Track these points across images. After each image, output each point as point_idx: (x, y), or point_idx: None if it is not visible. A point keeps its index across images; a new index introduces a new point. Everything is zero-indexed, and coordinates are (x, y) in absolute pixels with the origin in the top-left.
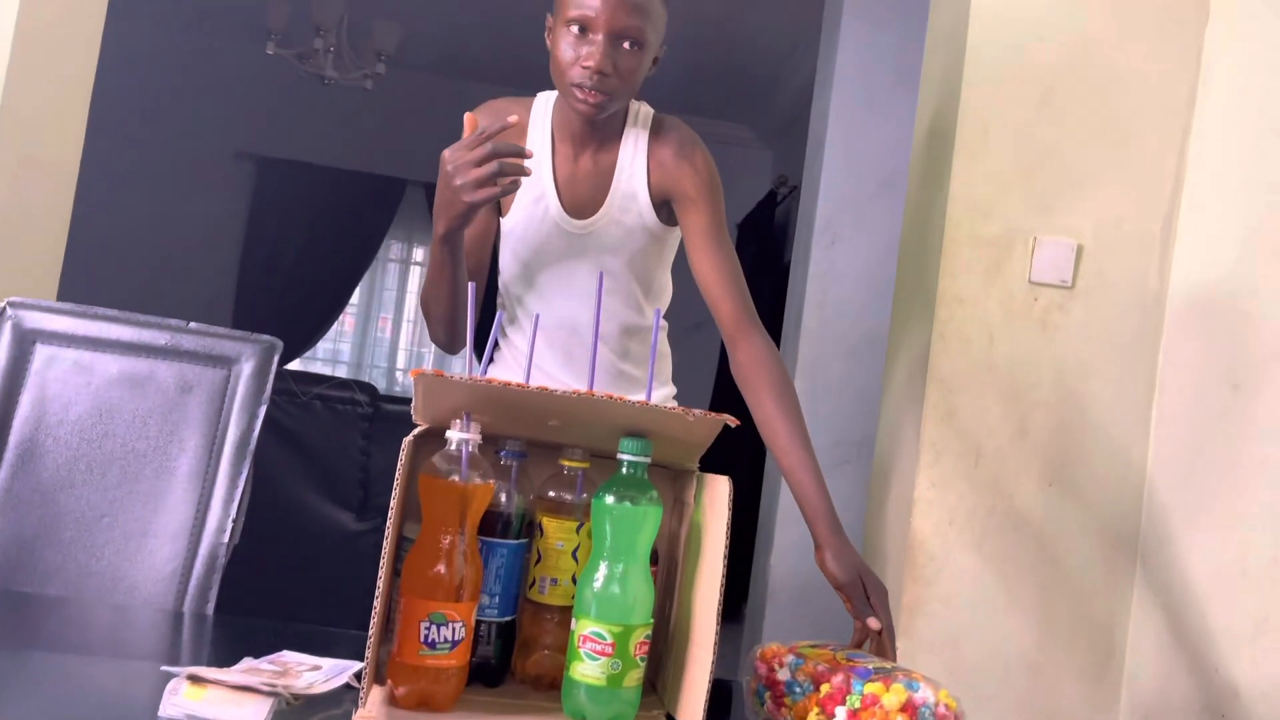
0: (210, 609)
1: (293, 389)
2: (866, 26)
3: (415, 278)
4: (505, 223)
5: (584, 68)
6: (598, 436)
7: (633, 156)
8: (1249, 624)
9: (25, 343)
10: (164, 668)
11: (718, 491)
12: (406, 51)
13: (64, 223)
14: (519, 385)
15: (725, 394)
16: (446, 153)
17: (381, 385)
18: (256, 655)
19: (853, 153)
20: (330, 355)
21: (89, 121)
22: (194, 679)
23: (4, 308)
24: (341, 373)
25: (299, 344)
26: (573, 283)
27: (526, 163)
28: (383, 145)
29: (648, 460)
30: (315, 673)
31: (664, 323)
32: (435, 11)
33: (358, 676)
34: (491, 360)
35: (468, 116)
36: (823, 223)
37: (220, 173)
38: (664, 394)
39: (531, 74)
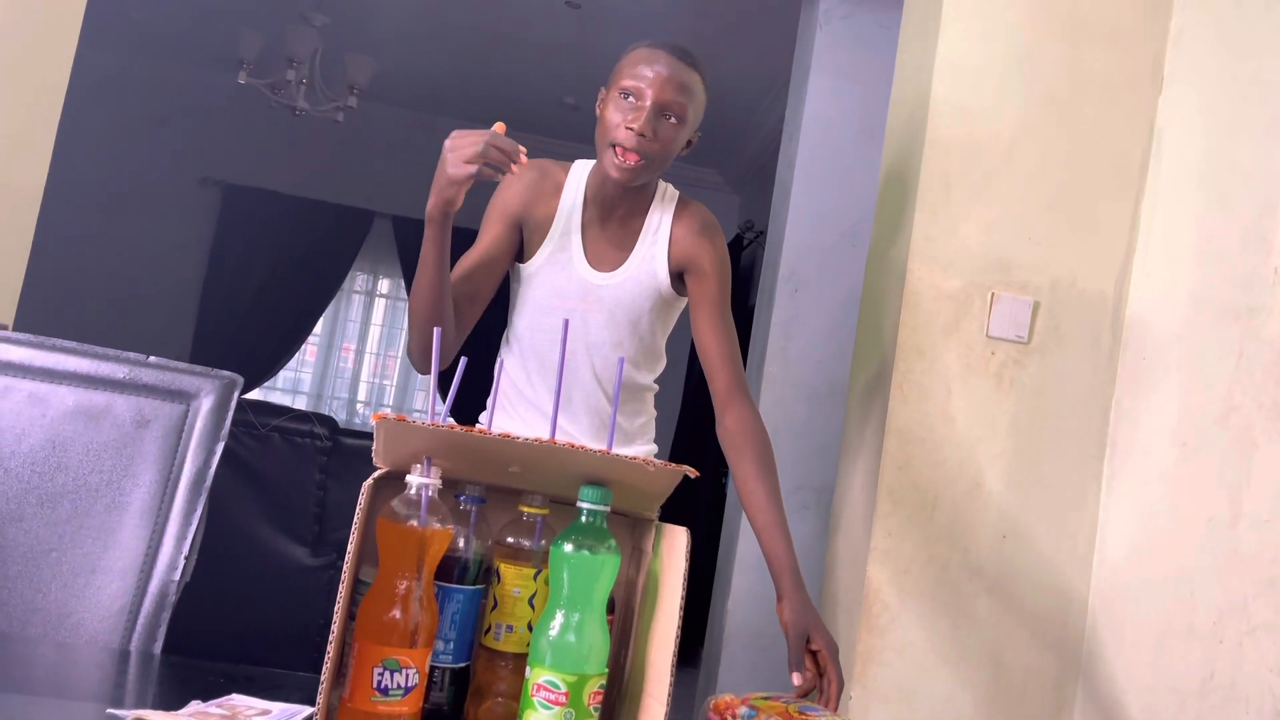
0: (158, 648)
1: (251, 420)
2: (833, 81)
3: (380, 309)
4: (526, 267)
5: (628, 128)
6: (558, 483)
7: (658, 226)
8: (1195, 681)
9: None
10: (109, 710)
11: (676, 542)
12: (379, 85)
13: (25, 246)
14: (480, 431)
15: (687, 445)
16: (451, 136)
17: (342, 416)
18: (205, 698)
19: (817, 202)
20: (291, 385)
21: (55, 143)
22: None
23: None
24: (302, 402)
25: (260, 372)
26: (586, 335)
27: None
28: (351, 177)
29: (607, 509)
30: (264, 717)
31: (655, 385)
32: (409, 47)
33: None
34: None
35: (499, 125)
36: (787, 270)
37: (186, 198)
38: (646, 451)
39: (500, 112)
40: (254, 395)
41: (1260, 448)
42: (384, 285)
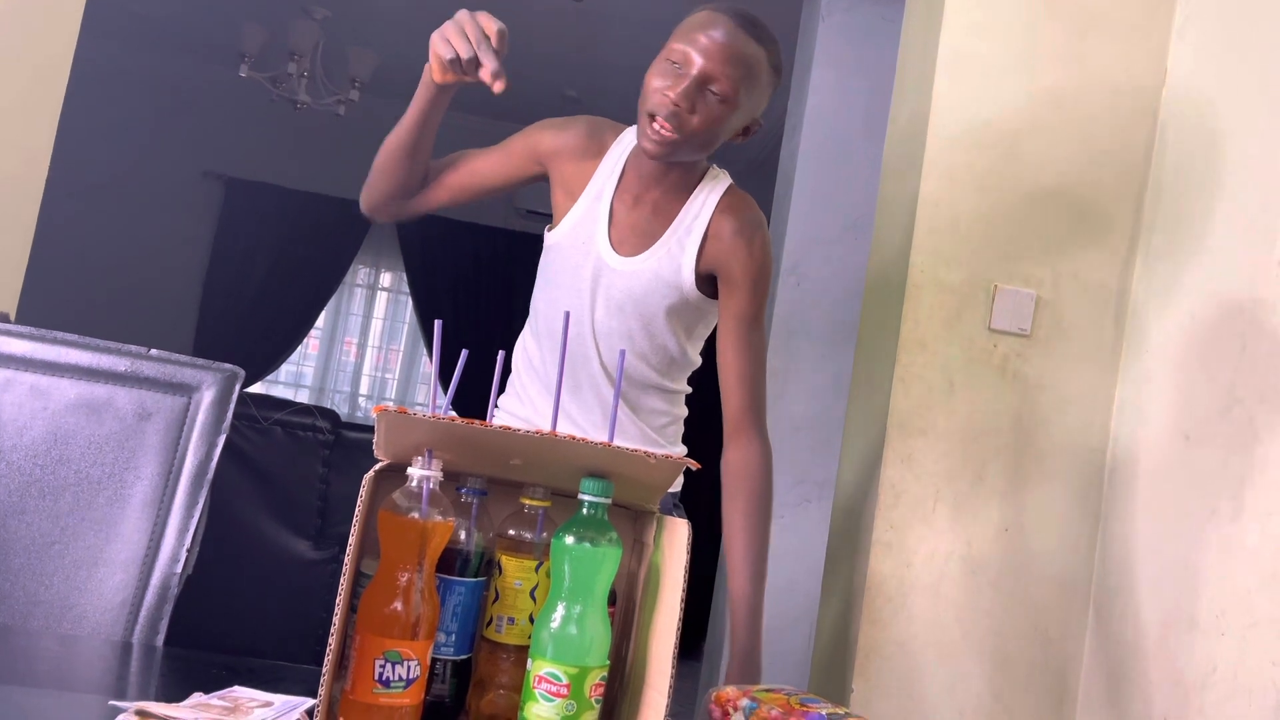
0: (160, 640)
1: (253, 414)
2: (836, 73)
3: (382, 303)
4: (550, 236)
5: (664, 96)
6: (559, 476)
7: (695, 216)
8: (1198, 674)
9: None
10: (111, 702)
11: (677, 535)
12: (381, 79)
13: (27, 239)
14: (482, 424)
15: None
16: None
17: (344, 410)
18: (207, 690)
19: (820, 195)
20: (293, 378)
21: (56, 136)
22: (142, 714)
23: None
24: (304, 396)
25: (262, 366)
26: (586, 318)
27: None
28: (353, 170)
29: (608, 501)
30: (266, 709)
31: (683, 388)
32: (410, 40)
33: (310, 714)
34: (501, 390)
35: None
36: (790, 262)
37: (188, 191)
38: (676, 454)
39: (501, 104)
40: (256, 389)
41: (1263, 440)
42: (386, 279)
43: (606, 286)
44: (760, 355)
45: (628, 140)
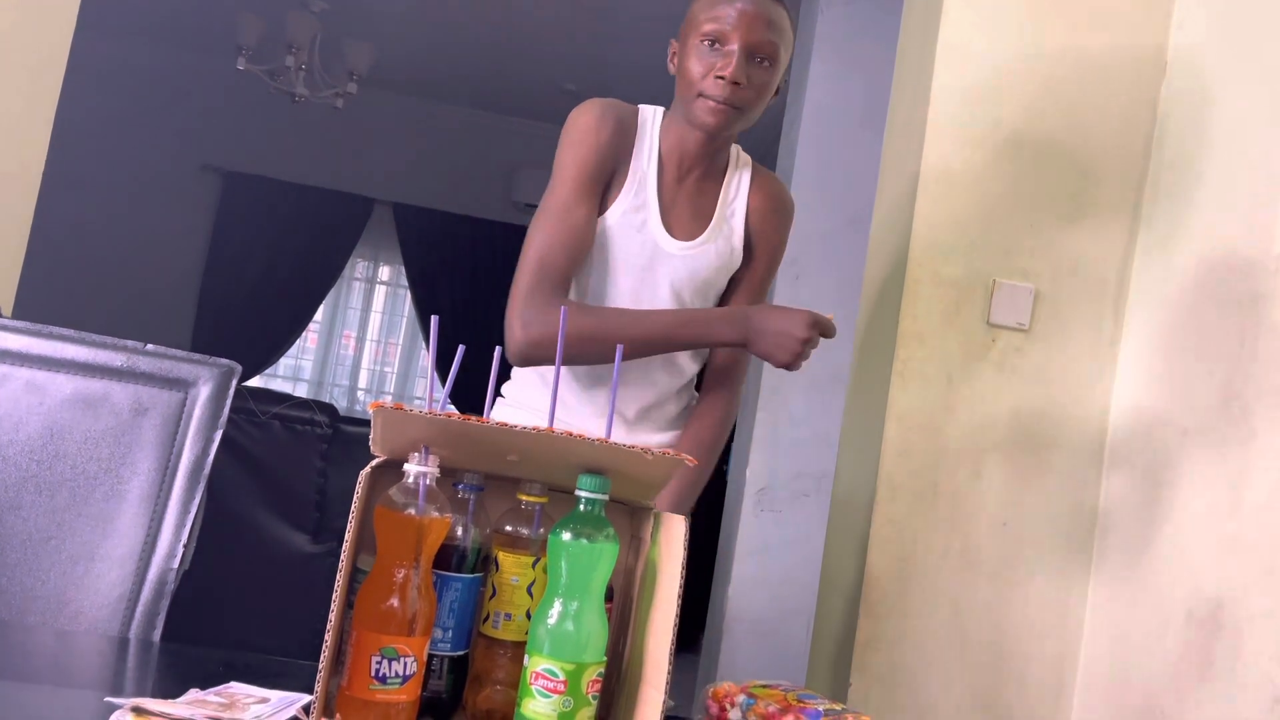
0: (157, 635)
1: (251, 407)
2: (835, 67)
3: (380, 296)
4: (599, 223)
5: (718, 78)
6: (556, 472)
7: (735, 194)
8: (1195, 668)
9: None
10: (107, 699)
11: (674, 531)
12: (378, 71)
13: (24, 232)
14: (478, 420)
15: None
16: (821, 323)
17: (343, 404)
18: (203, 686)
19: (819, 189)
20: (292, 372)
21: (53, 130)
22: (138, 710)
23: None
24: (303, 389)
25: (261, 360)
26: (647, 301)
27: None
28: (351, 163)
29: (605, 498)
30: (263, 705)
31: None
32: (408, 33)
33: (306, 710)
34: (499, 386)
35: (829, 316)
36: (788, 256)
37: (186, 185)
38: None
39: (499, 98)
40: (255, 382)
41: (1260, 435)
42: (384, 272)
43: (669, 271)
44: None
45: (649, 121)
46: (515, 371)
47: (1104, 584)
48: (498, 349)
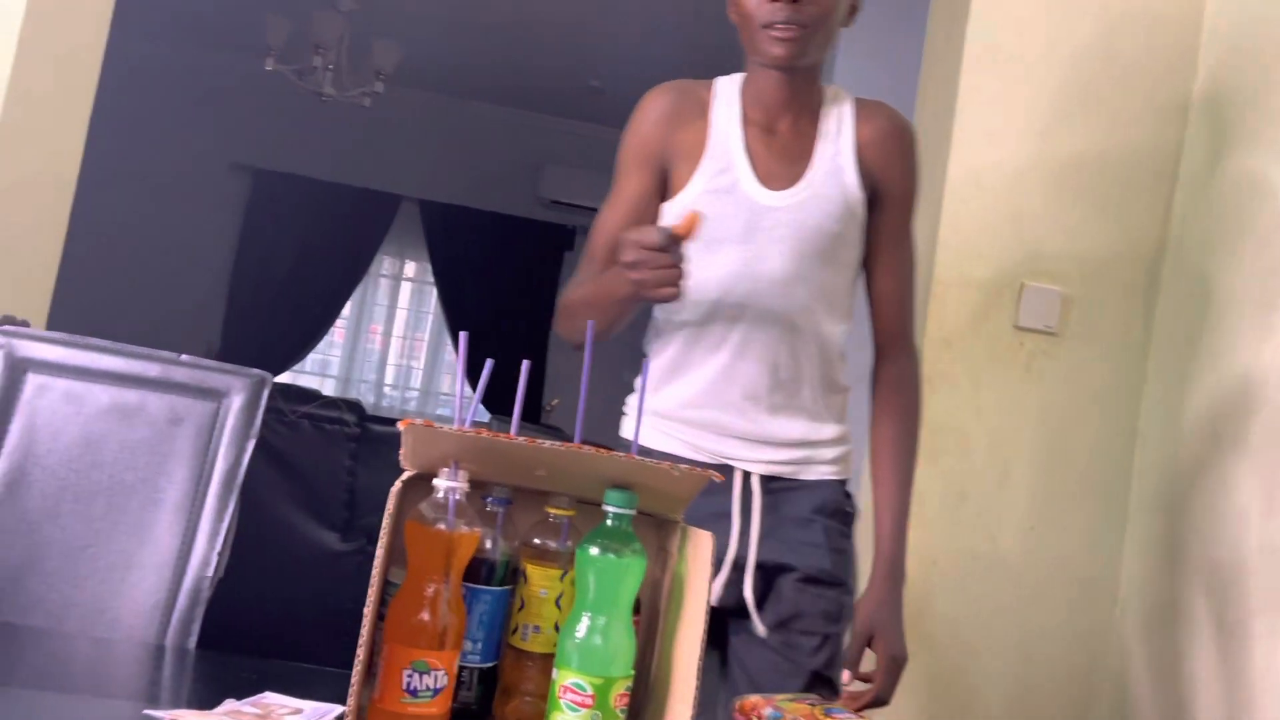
0: (192, 643)
1: (280, 407)
2: (860, 65)
3: (406, 293)
4: (674, 204)
5: (770, 4)
6: (584, 486)
7: (838, 128)
8: (1225, 675)
9: (17, 371)
10: (145, 710)
11: (701, 546)
12: (404, 70)
13: (60, 231)
14: (506, 436)
15: None
16: (632, 237)
17: (369, 399)
18: (238, 696)
19: None
20: (319, 367)
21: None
22: None
23: None
24: (330, 385)
25: (289, 355)
26: (759, 272)
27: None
28: (378, 161)
29: (632, 512)
30: (297, 716)
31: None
32: (435, 32)
33: None
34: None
35: (693, 214)
36: None
37: (215, 183)
38: (839, 433)
39: (525, 95)
40: (283, 378)
41: None
42: (410, 269)
43: (774, 227)
44: (912, 268)
45: (725, 88)
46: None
47: (1134, 590)
48: (525, 364)
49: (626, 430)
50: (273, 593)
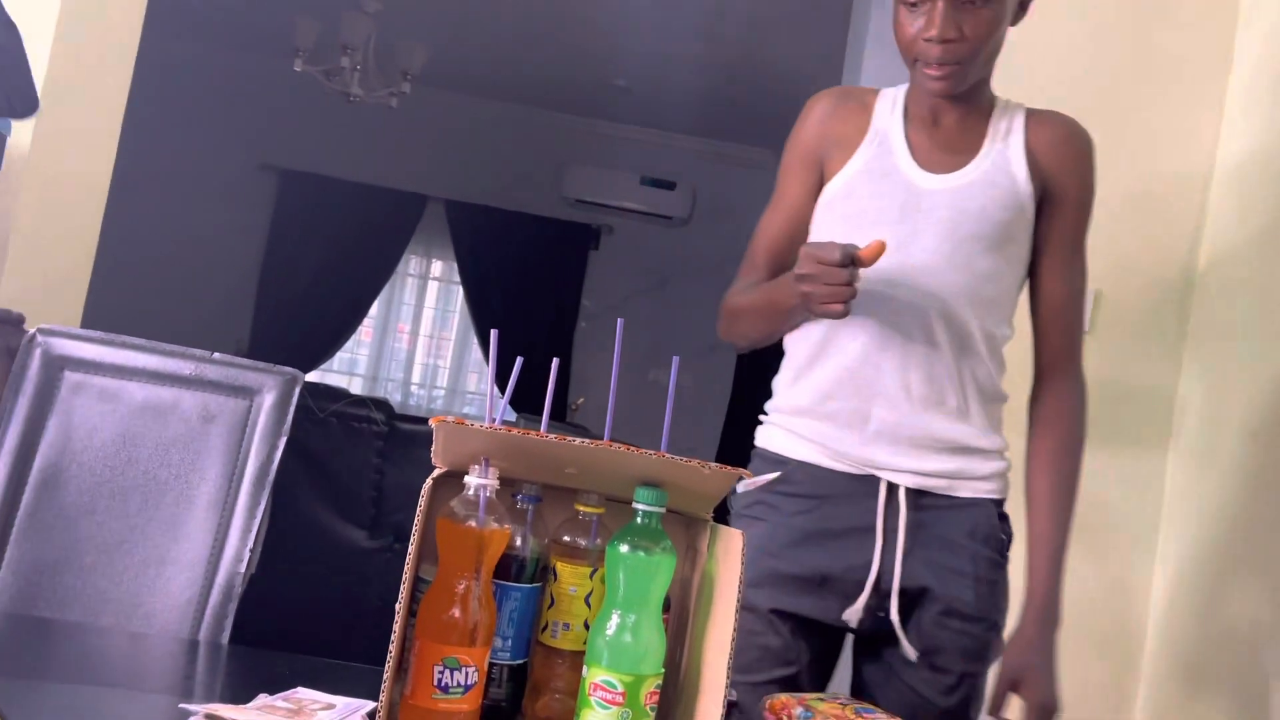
0: (225, 638)
1: (309, 404)
2: (889, 60)
3: (433, 292)
4: (828, 188)
5: (926, 41)
6: (614, 484)
7: (1008, 129)
8: (1259, 681)
9: (53, 369)
10: (181, 705)
11: (731, 545)
12: (431, 70)
13: (94, 231)
14: (537, 434)
15: (737, 428)
16: (811, 251)
17: (397, 397)
18: (271, 691)
19: None
20: (347, 366)
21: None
22: (212, 717)
23: (34, 334)
24: (358, 383)
25: (317, 354)
26: (911, 252)
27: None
28: (405, 161)
29: (662, 510)
30: (329, 711)
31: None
32: (462, 32)
33: (371, 717)
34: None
35: (880, 243)
36: None
37: (244, 183)
38: (997, 470)
39: (550, 95)
40: (312, 376)
41: None
42: (437, 268)
43: (929, 210)
44: (1084, 284)
45: (892, 90)
46: (777, 385)
47: (1169, 591)
48: (554, 361)
49: (762, 438)
50: (302, 589)
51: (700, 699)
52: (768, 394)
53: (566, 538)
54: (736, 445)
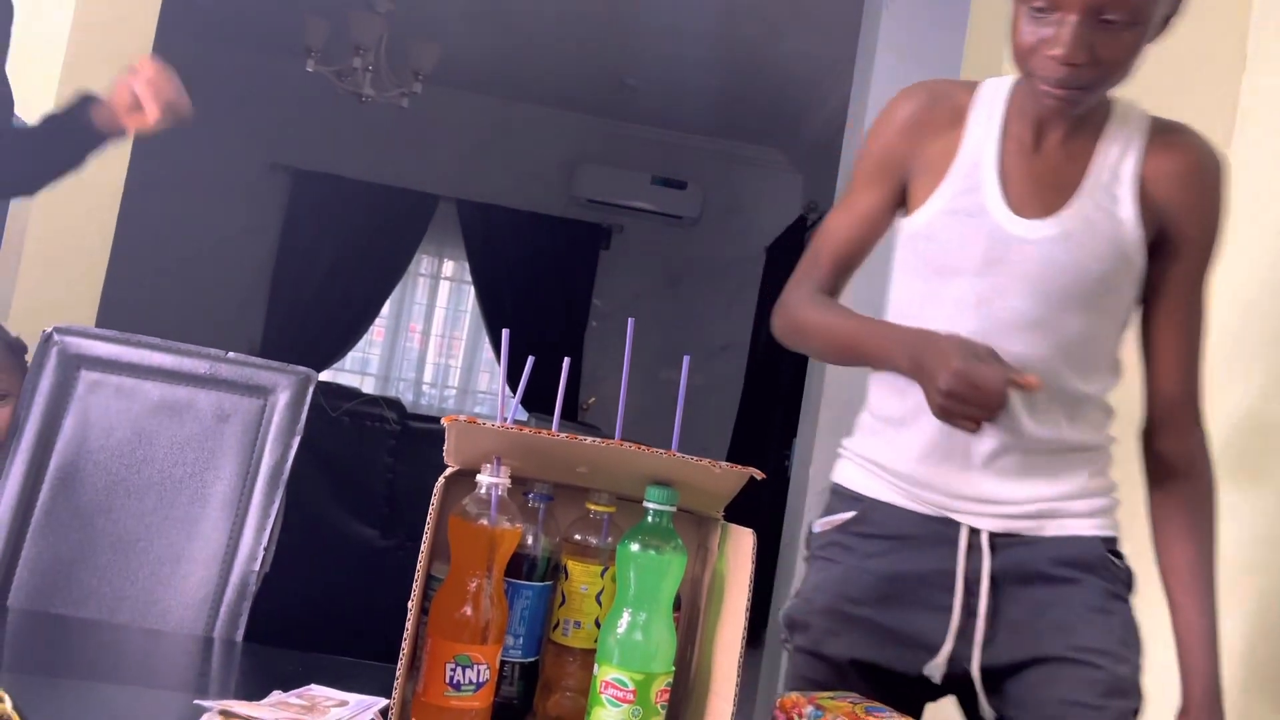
0: (240, 635)
1: (321, 404)
2: (900, 60)
3: (444, 292)
4: (909, 224)
5: (1049, 58)
6: (625, 483)
7: (1123, 153)
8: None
9: (69, 368)
10: (196, 701)
11: (742, 544)
12: (443, 70)
13: (109, 231)
14: (548, 433)
15: (748, 427)
16: (976, 378)
17: (409, 397)
18: (285, 688)
19: None
20: (359, 365)
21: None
22: (226, 714)
23: (50, 333)
24: (370, 383)
25: (329, 354)
26: (994, 310)
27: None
28: (417, 161)
29: (673, 509)
30: (342, 708)
31: (1106, 405)
32: (473, 32)
33: (383, 714)
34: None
35: (1037, 380)
36: None
37: (256, 183)
38: (1093, 509)
39: (561, 94)
40: (324, 376)
41: None
42: (448, 268)
43: (1018, 262)
44: (1203, 327)
45: (989, 94)
46: (860, 425)
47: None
48: (566, 361)
49: (839, 474)
50: (315, 587)
51: (711, 698)
52: (779, 393)
53: (578, 536)
54: (748, 444)
